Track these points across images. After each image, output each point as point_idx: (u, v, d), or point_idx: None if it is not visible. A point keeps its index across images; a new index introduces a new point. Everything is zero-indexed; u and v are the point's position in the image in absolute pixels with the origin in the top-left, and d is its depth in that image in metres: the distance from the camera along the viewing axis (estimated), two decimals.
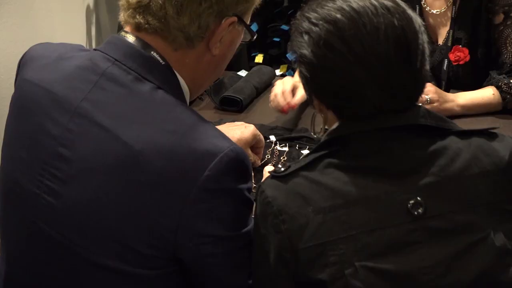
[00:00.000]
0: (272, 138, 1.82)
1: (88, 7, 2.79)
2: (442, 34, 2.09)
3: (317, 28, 1.13)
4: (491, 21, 2.01)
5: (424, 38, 1.15)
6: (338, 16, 1.12)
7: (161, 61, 1.18)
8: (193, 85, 1.24)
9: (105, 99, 1.14)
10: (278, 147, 1.80)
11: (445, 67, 2.06)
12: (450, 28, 2.04)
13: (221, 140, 1.12)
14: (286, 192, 1.11)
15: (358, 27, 1.10)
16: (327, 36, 1.11)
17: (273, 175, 1.14)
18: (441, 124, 1.15)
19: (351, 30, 1.10)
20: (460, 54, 2.03)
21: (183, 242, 1.12)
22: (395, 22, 1.11)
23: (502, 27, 1.99)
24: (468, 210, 1.11)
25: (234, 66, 2.31)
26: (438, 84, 2.04)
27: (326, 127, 1.22)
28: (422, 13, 2.07)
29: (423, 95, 1.81)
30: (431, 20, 2.09)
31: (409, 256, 1.08)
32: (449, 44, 2.04)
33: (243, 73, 2.21)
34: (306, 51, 1.13)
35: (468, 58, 2.03)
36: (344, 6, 1.12)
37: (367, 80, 1.11)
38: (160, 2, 1.15)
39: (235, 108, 2.00)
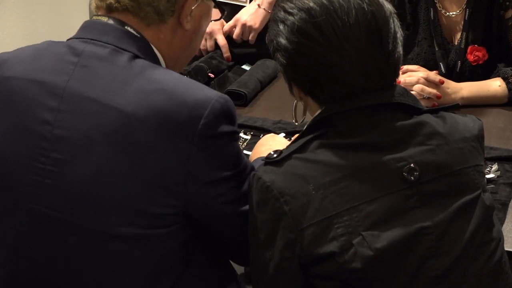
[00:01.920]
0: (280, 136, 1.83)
1: (90, 1, 2.81)
2: (457, 36, 2.11)
3: (291, 17, 1.20)
4: (502, 18, 2.03)
5: (395, 23, 1.22)
6: (311, 4, 1.19)
7: (136, 34, 1.24)
8: (169, 61, 1.30)
9: (89, 75, 1.20)
10: None
11: (458, 69, 2.08)
12: (463, 30, 2.07)
13: (208, 90, 1.20)
14: (284, 175, 1.15)
15: (329, 13, 1.17)
16: (300, 23, 1.19)
17: (267, 161, 1.18)
18: (416, 104, 1.23)
19: (322, 16, 1.17)
20: (478, 54, 2.05)
21: (194, 191, 1.18)
22: (365, 7, 1.18)
23: (511, 22, 2.01)
24: (458, 172, 1.19)
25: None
26: None
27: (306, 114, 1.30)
28: (437, 15, 2.10)
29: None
30: (446, 22, 2.11)
31: (411, 220, 1.15)
32: (462, 46, 2.07)
33: (247, 66, 2.24)
34: (282, 39, 1.20)
35: (487, 57, 2.05)
36: None
37: (341, 64, 1.17)
38: None
39: (239, 102, 2.01)
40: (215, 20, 1.38)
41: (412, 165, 1.16)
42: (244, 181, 1.23)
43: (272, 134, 1.70)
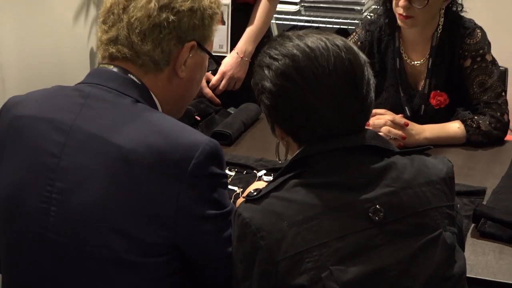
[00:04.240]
0: (260, 173, 1.86)
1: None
2: (421, 83, 2.17)
3: (276, 62, 1.24)
4: (461, 66, 2.11)
5: (369, 70, 1.26)
6: (294, 51, 1.23)
7: (137, 81, 1.29)
8: (166, 106, 1.35)
9: (95, 115, 1.25)
10: (265, 178, 1.83)
11: (422, 112, 2.14)
12: (427, 77, 2.13)
13: (199, 135, 1.24)
14: (261, 212, 1.18)
15: (310, 60, 1.21)
16: (284, 68, 1.22)
17: (247, 199, 1.21)
18: (388, 146, 1.26)
19: (304, 62, 1.21)
20: (440, 99, 2.11)
21: (182, 225, 1.21)
22: (342, 55, 1.22)
23: (469, 71, 2.10)
24: (420, 214, 1.21)
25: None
26: None
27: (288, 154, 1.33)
28: (402, 64, 2.16)
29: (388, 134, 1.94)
30: (411, 70, 2.17)
31: (375, 257, 1.17)
32: (426, 92, 2.13)
33: (232, 110, 2.29)
34: (266, 83, 1.24)
35: (448, 101, 2.12)
36: (300, 43, 1.23)
37: (319, 106, 1.21)
38: (125, 33, 1.28)
39: (225, 141, 2.05)
40: (211, 70, 1.40)
41: (377, 206, 1.18)
42: (230, 224, 1.24)
43: (261, 182, 1.71)
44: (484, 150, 2.03)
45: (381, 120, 2.00)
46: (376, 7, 2.36)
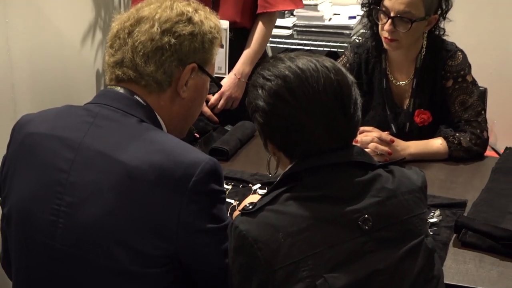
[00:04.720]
0: (255, 187, 1.88)
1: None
2: (406, 101, 2.20)
3: (269, 82, 1.26)
4: (444, 86, 2.14)
5: (356, 90, 1.29)
6: (286, 72, 1.26)
7: (143, 102, 1.33)
8: (169, 125, 1.38)
9: (102, 133, 1.28)
10: (259, 191, 1.85)
11: (407, 129, 2.18)
12: (412, 96, 2.17)
13: (200, 153, 1.27)
14: (257, 224, 1.20)
15: (301, 81, 1.25)
16: (277, 88, 1.25)
17: (243, 212, 1.23)
18: (371, 161, 1.30)
19: (295, 82, 1.24)
20: (424, 117, 2.15)
21: (183, 238, 1.23)
22: (331, 76, 1.25)
23: (451, 90, 2.14)
24: (405, 221, 1.26)
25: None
26: None
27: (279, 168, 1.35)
28: (389, 84, 2.20)
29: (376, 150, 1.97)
30: (396, 90, 2.21)
31: (366, 263, 1.20)
32: (410, 110, 2.17)
33: (229, 127, 2.32)
34: (260, 102, 1.27)
35: (431, 119, 2.16)
36: (291, 65, 1.27)
37: (309, 124, 1.24)
38: (130, 56, 1.33)
39: (222, 157, 2.08)
40: (213, 92, 1.40)
41: (366, 216, 1.22)
42: (227, 236, 1.26)
43: (256, 195, 1.74)
44: (465, 165, 2.07)
45: (368, 137, 2.04)
46: (363, 31, 2.36)
